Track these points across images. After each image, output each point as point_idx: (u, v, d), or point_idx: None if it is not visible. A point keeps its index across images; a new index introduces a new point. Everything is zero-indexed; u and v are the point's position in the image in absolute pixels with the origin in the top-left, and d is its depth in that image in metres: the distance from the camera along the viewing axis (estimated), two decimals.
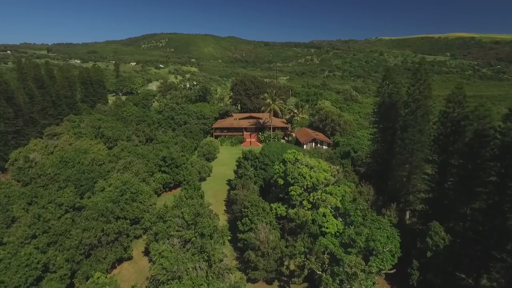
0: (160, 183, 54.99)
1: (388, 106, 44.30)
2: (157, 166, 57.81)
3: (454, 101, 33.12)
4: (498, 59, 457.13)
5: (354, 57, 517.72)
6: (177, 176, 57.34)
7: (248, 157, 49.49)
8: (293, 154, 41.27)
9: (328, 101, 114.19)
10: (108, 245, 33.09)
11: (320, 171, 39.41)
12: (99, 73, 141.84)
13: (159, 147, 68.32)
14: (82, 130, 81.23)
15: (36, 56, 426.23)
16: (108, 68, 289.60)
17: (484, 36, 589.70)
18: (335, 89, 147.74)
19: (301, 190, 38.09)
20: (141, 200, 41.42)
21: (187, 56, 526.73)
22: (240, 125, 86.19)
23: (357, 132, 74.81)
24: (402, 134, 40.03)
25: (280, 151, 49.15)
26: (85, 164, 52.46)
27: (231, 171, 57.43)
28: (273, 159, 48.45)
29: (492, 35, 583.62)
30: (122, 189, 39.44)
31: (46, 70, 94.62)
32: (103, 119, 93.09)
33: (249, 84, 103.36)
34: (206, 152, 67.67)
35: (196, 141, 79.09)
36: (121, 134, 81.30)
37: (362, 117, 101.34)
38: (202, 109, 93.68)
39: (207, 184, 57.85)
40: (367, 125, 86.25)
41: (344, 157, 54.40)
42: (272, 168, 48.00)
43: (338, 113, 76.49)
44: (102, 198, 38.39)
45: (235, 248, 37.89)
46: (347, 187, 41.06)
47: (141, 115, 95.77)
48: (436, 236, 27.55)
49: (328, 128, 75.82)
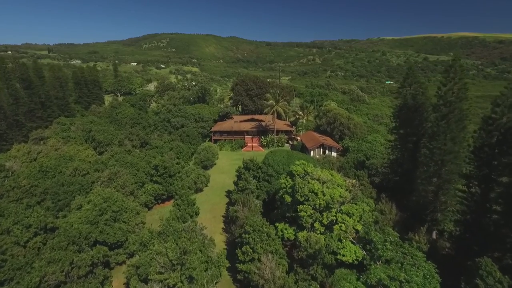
0: (151, 195, 49.18)
1: (411, 109, 38.27)
2: (149, 175, 52.00)
3: (504, 104, 27.06)
4: (502, 58, 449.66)
5: (356, 57, 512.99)
6: (171, 187, 51.53)
7: (249, 167, 43.57)
8: (302, 166, 35.37)
9: (334, 102, 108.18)
10: (80, 279, 27.22)
11: (334, 186, 33.48)
12: (94, 73, 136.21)
13: (152, 153, 62.49)
14: (71, 134, 75.64)
15: (36, 56, 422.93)
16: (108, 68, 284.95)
17: (488, 35, 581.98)
18: (340, 89, 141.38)
19: (312, 209, 32.17)
20: (125, 219, 35.60)
21: (188, 56, 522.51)
22: (241, 128, 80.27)
23: (368, 136, 68.79)
24: (430, 142, 34.03)
25: (286, 160, 43.21)
26: (67, 174, 46.69)
27: (231, 180, 51.55)
28: (278, 170, 42.53)
29: (496, 35, 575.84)
30: (102, 207, 33.61)
31: (34, 70, 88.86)
32: (96, 121, 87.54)
33: (250, 84, 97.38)
34: (204, 159, 61.80)
35: (194, 145, 73.22)
36: (113, 138, 75.63)
37: (371, 119, 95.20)
38: (201, 111, 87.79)
39: (204, 196, 51.97)
40: (377, 128, 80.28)
41: (358, 167, 48.26)
42: (277, 180, 42.13)
43: (348, 116, 70.46)
44: (78, 218, 32.60)
45: (233, 280, 31.89)
46: (365, 204, 35.14)
47: (135, 117, 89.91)
48: (489, 278, 21.62)
49: (336, 132, 69.82)
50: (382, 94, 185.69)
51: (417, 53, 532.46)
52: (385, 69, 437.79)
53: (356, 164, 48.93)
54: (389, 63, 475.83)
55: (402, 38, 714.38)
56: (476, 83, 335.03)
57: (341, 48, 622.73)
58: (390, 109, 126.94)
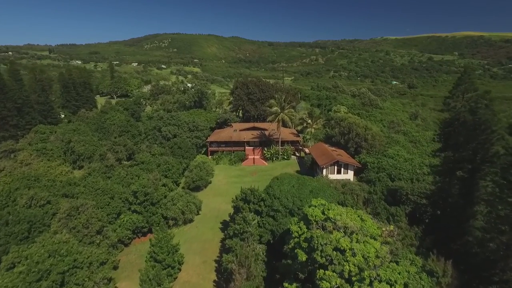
0: (129, 229, 39.66)
1: (467, 127, 28.40)
2: (127, 203, 42.51)
3: None
4: (509, 58, 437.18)
5: (359, 57, 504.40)
6: (153, 217, 42.01)
7: (249, 200, 33.82)
8: (322, 209, 25.65)
9: (343, 106, 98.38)
10: None
11: (366, 239, 23.74)
12: (85, 74, 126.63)
13: (136, 171, 52.97)
14: (47, 145, 66.27)
15: (36, 57, 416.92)
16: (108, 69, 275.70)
17: (494, 34, 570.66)
18: (349, 92, 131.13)
19: (338, 277, 22.43)
20: (78, 280, 25.97)
21: (190, 57, 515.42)
22: (241, 138, 70.52)
23: (389, 150, 58.84)
24: (502, 175, 24.33)
25: (297, 191, 33.46)
26: (20, 205, 37.18)
27: (228, 204, 41.91)
28: (286, 204, 32.77)
29: (502, 34, 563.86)
30: (42, 268, 24.02)
31: (10, 72, 79.57)
32: (80, 129, 78.15)
33: (252, 87, 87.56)
34: (196, 178, 52.12)
35: (187, 159, 63.57)
36: (96, 150, 66.28)
37: (386, 126, 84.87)
38: (196, 118, 78.08)
39: (193, 230, 42.29)
40: (396, 138, 70.18)
41: (390, 199, 37.96)
42: (286, 218, 32.42)
43: (365, 125, 60.52)
44: (4, 287, 23.02)
45: None
46: (409, 262, 25.37)
47: (124, 124, 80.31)
48: None
49: (351, 144, 59.94)
50: (392, 96, 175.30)
51: (421, 52, 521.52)
52: (389, 69, 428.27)
53: (386, 193, 38.65)
54: (393, 63, 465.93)
55: (406, 37, 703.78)
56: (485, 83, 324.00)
57: (344, 48, 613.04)
58: (404, 113, 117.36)
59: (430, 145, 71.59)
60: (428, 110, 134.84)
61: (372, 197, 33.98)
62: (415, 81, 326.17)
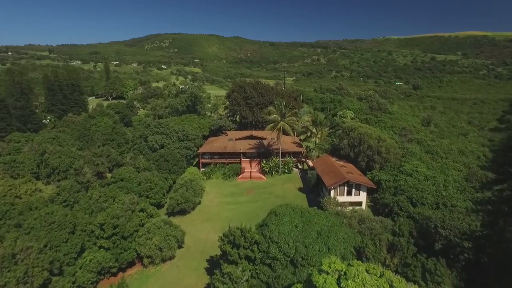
0: (92, 271, 32.00)
1: None
2: (93, 237, 34.85)
3: None
4: None
5: (361, 57, 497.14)
6: (124, 254, 34.33)
7: (238, 243, 26.01)
8: (337, 275, 17.93)
9: (350, 111, 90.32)
10: None
11: None
12: (73, 75, 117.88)
13: (112, 191, 45.32)
14: (18, 157, 58.61)
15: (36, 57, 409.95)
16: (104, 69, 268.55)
17: (498, 34, 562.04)
18: (356, 94, 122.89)
19: None
20: None
21: (190, 57, 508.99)
22: (236, 148, 62.72)
23: (406, 165, 50.90)
24: None
25: (301, 233, 25.65)
26: None
27: (217, 233, 34.25)
28: (287, 251, 24.99)
29: (506, 33, 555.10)
30: None
31: None
32: (60, 137, 70.77)
33: (250, 90, 79.66)
34: (182, 201, 44.31)
35: (174, 174, 55.95)
36: (74, 162, 58.54)
37: (397, 133, 76.34)
38: (188, 125, 70.40)
39: (173, 271, 34.53)
40: (412, 149, 62.11)
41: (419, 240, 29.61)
42: (286, 269, 24.65)
43: (378, 136, 52.65)
44: None
45: None
46: None
47: (109, 132, 72.72)
48: None
49: (362, 158, 52.12)
50: (398, 98, 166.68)
51: (424, 52, 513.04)
52: (392, 69, 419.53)
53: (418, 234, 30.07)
54: (395, 63, 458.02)
55: (408, 37, 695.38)
56: (492, 84, 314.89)
57: (346, 48, 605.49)
58: (415, 118, 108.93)
59: (449, 156, 63.74)
60: (439, 114, 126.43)
61: (400, 241, 26.09)
62: (419, 82, 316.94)
